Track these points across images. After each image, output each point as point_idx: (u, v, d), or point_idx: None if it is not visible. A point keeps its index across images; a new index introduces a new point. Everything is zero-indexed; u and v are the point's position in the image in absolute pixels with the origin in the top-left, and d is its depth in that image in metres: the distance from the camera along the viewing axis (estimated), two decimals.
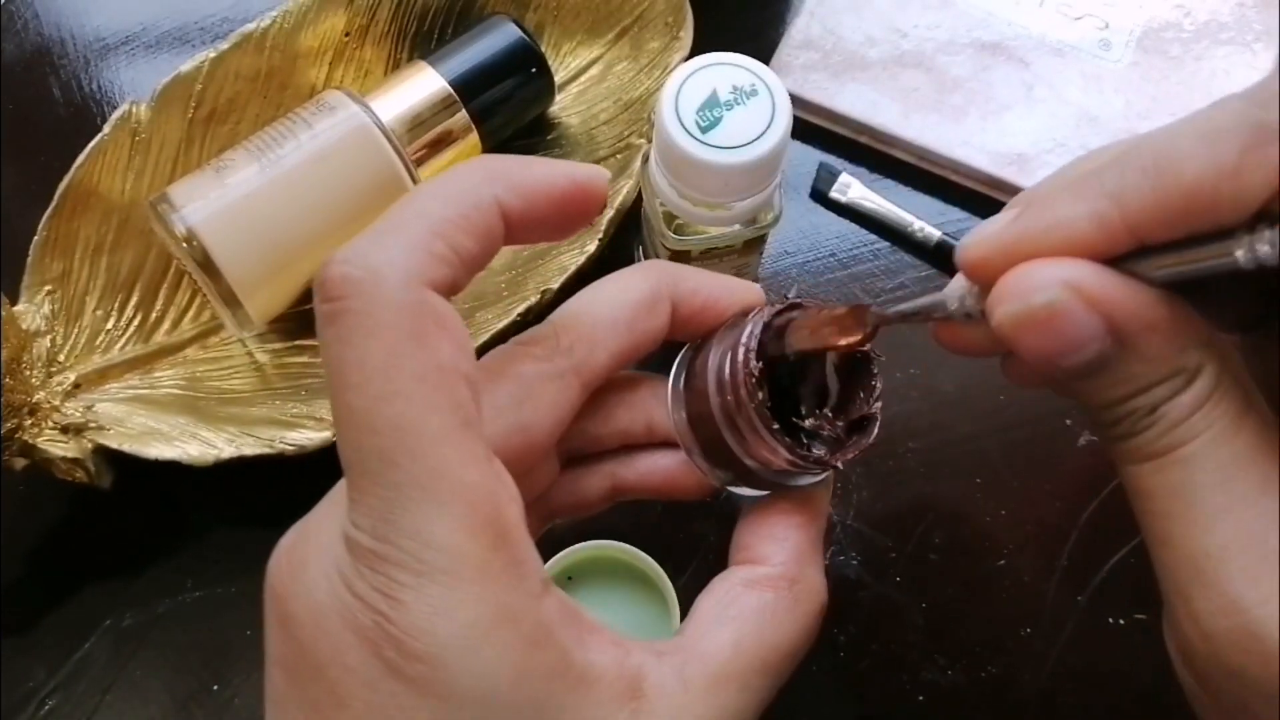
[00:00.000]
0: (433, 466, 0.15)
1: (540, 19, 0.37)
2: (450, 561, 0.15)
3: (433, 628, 0.15)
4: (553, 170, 0.18)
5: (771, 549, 0.20)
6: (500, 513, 0.16)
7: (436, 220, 0.16)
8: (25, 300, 0.32)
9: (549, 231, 0.19)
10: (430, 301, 0.16)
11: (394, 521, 0.15)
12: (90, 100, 0.39)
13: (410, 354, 0.15)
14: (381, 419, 0.15)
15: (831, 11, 0.39)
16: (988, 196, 0.37)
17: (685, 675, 0.17)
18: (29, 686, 0.30)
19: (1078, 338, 0.16)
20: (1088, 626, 0.31)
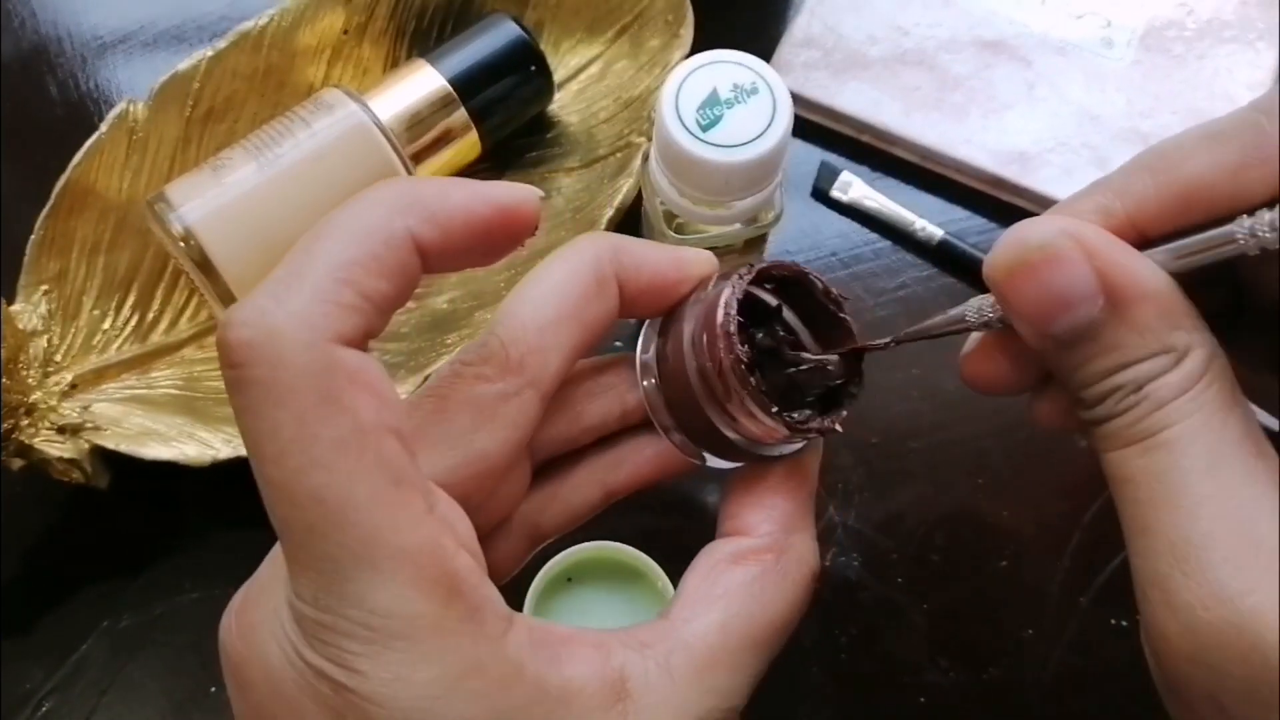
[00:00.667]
0: (365, 535, 0.14)
1: (540, 17, 0.37)
2: (403, 626, 0.14)
3: (395, 694, 0.14)
4: (473, 196, 0.17)
5: (758, 518, 0.19)
6: (448, 566, 0.15)
7: (341, 264, 0.15)
8: (22, 300, 0.32)
9: (473, 259, 0.17)
10: (340, 359, 0.15)
11: (335, 592, 0.14)
12: (87, 99, 0.39)
13: (324, 420, 0.14)
14: (302, 492, 0.14)
15: (832, 9, 0.38)
16: (989, 195, 0.37)
17: (671, 666, 0.17)
18: (26, 688, 0.30)
19: (1071, 290, 0.16)
20: (1090, 628, 0.31)
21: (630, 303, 0.20)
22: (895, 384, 0.34)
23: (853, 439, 0.33)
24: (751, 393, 0.18)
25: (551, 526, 0.21)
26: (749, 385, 0.18)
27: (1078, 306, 0.16)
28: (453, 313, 0.34)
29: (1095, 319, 0.16)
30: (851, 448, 0.33)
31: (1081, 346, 0.16)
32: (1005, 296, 0.16)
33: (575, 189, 0.36)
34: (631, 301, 0.20)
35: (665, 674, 0.17)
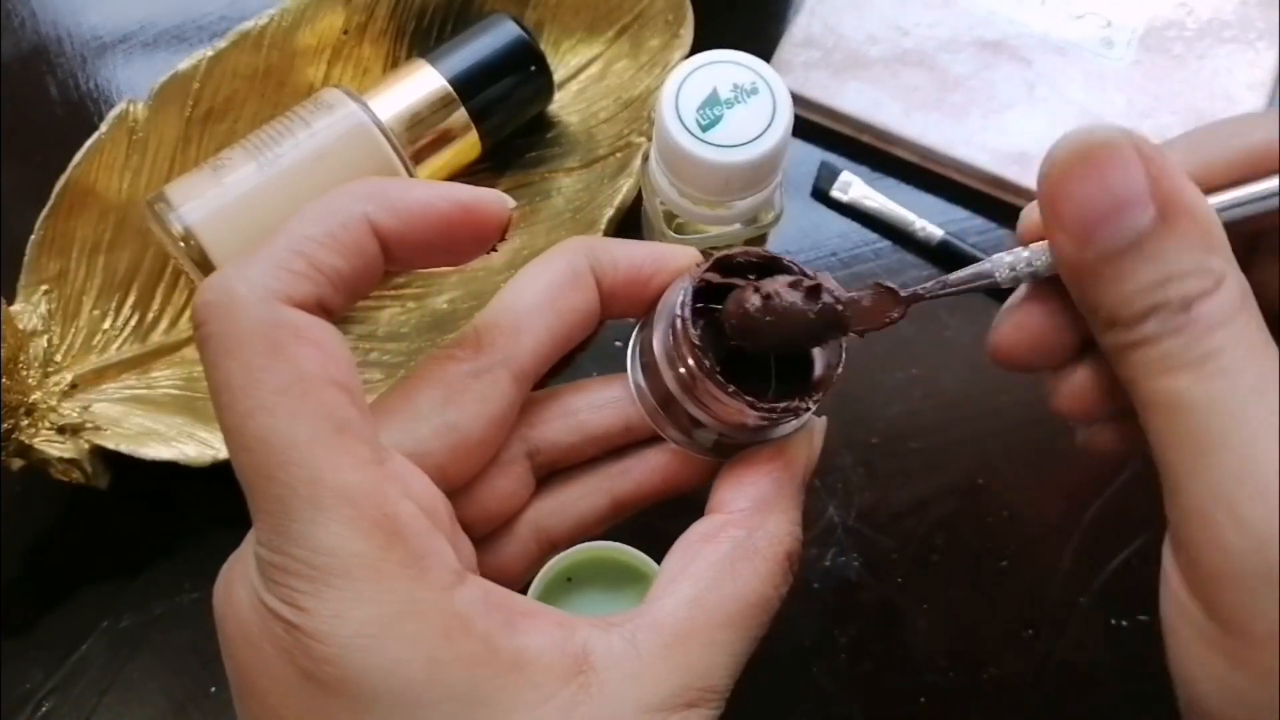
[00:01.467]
0: (308, 475, 0.15)
1: (539, 17, 0.37)
2: (342, 564, 0.15)
3: (333, 630, 0.15)
4: (435, 192, 0.18)
5: (733, 496, 0.19)
6: (388, 510, 0.16)
7: (298, 239, 0.16)
8: (22, 300, 0.32)
9: (437, 255, 0.18)
10: (287, 316, 0.16)
11: (284, 532, 0.15)
12: (87, 99, 0.39)
13: (268, 368, 0.15)
14: (249, 435, 0.15)
15: (832, 9, 0.38)
16: (990, 195, 0.37)
17: (638, 641, 0.17)
18: (26, 688, 0.30)
19: (1124, 192, 0.16)
20: (1090, 628, 0.31)
21: (611, 296, 0.20)
22: (895, 384, 0.34)
23: (853, 439, 0.33)
24: (707, 373, 0.19)
25: (561, 533, 0.21)
26: (704, 366, 0.19)
27: (1130, 212, 0.16)
28: (452, 313, 0.34)
29: (1144, 228, 0.16)
30: (851, 448, 0.33)
31: (1125, 259, 0.16)
32: (1059, 197, 0.16)
33: (575, 189, 0.36)
34: (612, 294, 0.20)
35: (631, 649, 0.17)
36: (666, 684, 0.17)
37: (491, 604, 0.16)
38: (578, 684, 0.16)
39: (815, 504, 0.32)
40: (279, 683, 0.16)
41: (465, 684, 0.15)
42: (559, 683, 0.16)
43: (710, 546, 0.18)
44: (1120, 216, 0.16)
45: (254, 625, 0.16)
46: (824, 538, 0.32)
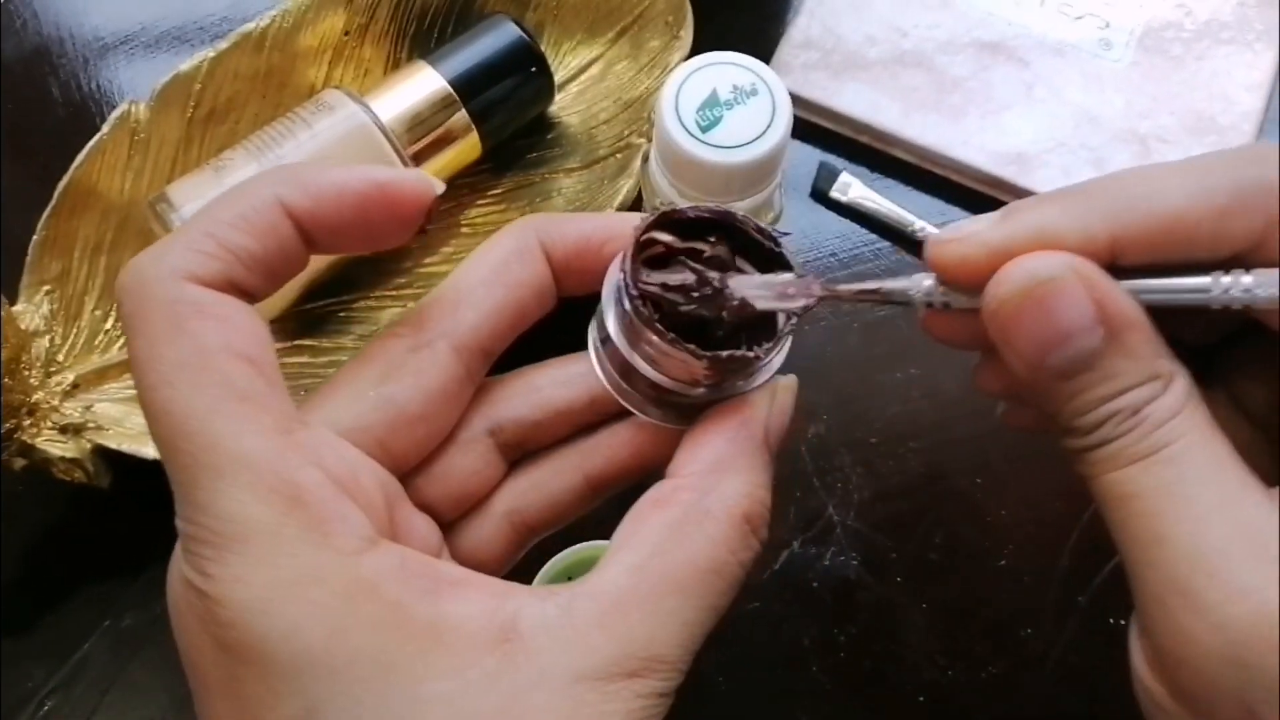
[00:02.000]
0: (208, 443, 0.16)
1: (540, 18, 0.37)
2: (241, 529, 0.15)
3: (234, 595, 0.15)
4: (349, 173, 0.18)
5: (687, 458, 0.18)
6: (289, 476, 0.16)
7: (208, 220, 0.17)
8: (24, 300, 0.32)
9: (356, 238, 0.18)
10: (190, 293, 0.16)
11: (191, 501, 0.16)
12: (89, 100, 0.39)
13: (169, 342, 0.16)
14: (154, 407, 0.16)
15: (831, 11, 0.39)
16: (988, 196, 0.37)
17: (573, 608, 0.16)
18: (28, 687, 0.30)
19: (1073, 322, 0.16)
20: (1089, 627, 0.31)
21: (564, 270, 0.20)
22: (895, 384, 0.34)
23: (852, 439, 0.33)
24: (646, 321, 0.18)
25: (535, 516, 0.21)
26: (642, 315, 0.18)
27: (1079, 337, 0.16)
28: None
29: (1094, 348, 0.16)
30: (851, 448, 0.33)
31: (1078, 377, 0.17)
32: (1007, 329, 0.17)
33: (575, 190, 0.36)
34: (565, 268, 0.20)
35: (565, 618, 0.16)
36: (602, 653, 0.16)
37: (409, 571, 0.16)
38: (502, 652, 0.16)
39: (815, 504, 0.32)
40: (202, 653, 0.16)
41: (370, 649, 0.15)
42: (481, 651, 0.16)
43: (659, 511, 0.17)
44: (1070, 342, 0.16)
45: (180, 598, 0.16)
46: (823, 537, 0.32)
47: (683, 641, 0.16)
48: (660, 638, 0.16)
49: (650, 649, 0.16)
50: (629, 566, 0.17)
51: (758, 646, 0.31)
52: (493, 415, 0.20)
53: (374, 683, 0.15)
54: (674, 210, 0.19)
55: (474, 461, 0.20)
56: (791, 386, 0.20)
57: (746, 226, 0.19)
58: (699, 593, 0.17)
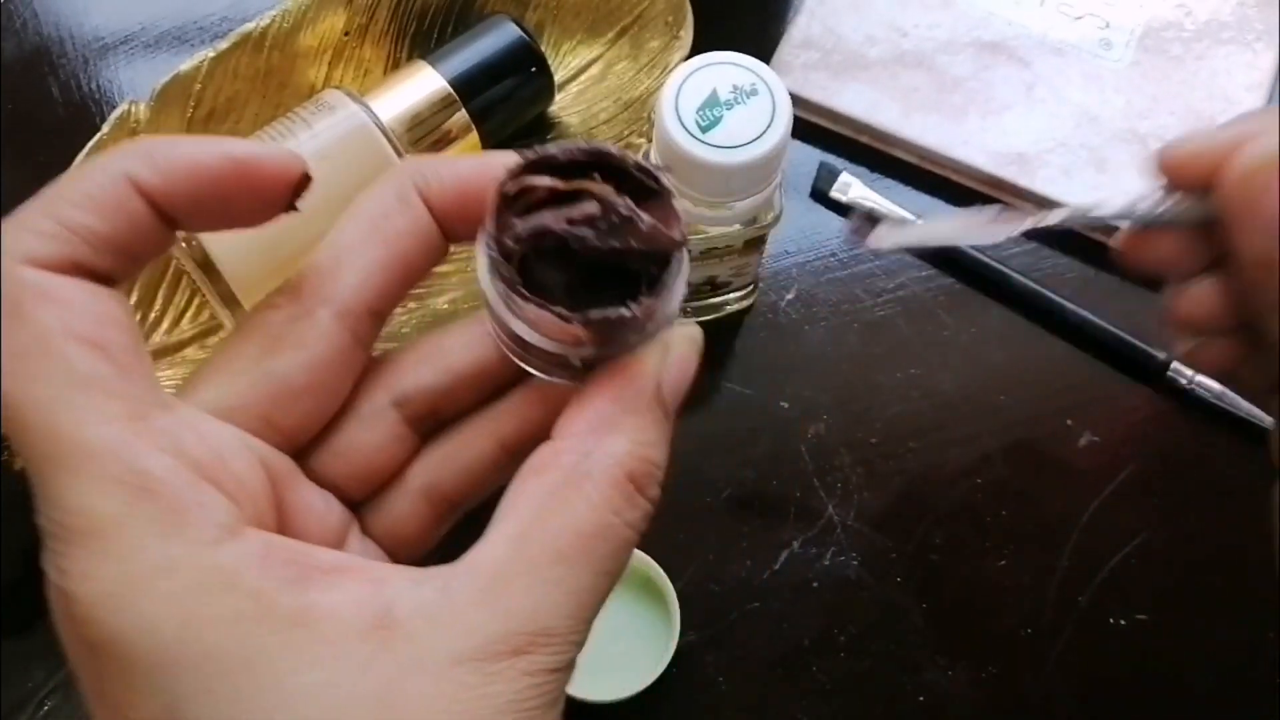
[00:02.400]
0: (50, 434, 0.15)
1: (540, 18, 0.37)
2: (87, 523, 0.15)
3: (84, 592, 0.15)
4: (205, 147, 0.17)
5: (566, 420, 0.17)
6: (136, 465, 0.15)
7: (49, 200, 0.16)
8: None
9: (217, 215, 0.17)
10: (24, 277, 0.15)
11: (41, 495, 0.15)
12: (89, 100, 0.39)
13: (8, 332, 0.15)
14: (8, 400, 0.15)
15: (832, 11, 0.39)
16: (988, 196, 0.37)
17: (450, 589, 0.15)
18: (28, 687, 0.30)
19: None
20: (1089, 627, 0.31)
21: (445, 216, 0.19)
22: (895, 384, 0.34)
23: (852, 439, 0.33)
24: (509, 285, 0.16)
25: (453, 488, 0.20)
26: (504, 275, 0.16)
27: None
28: (453, 313, 0.34)
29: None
30: (851, 448, 0.33)
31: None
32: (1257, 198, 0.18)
33: None
34: (445, 215, 0.19)
35: (442, 598, 0.15)
36: (483, 631, 0.15)
37: (274, 559, 0.15)
38: (377, 639, 0.15)
39: (815, 504, 0.32)
40: (73, 651, 0.15)
41: (229, 642, 0.15)
42: (354, 640, 0.15)
43: (537, 477, 0.16)
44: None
45: (51, 597, 0.16)
46: (823, 537, 0.32)
47: (572, 612, 0.16)
48: (546, 609, 0.15)
49: (536, 622, 0.15)
50: (508, 537, 0.16)
51: (758, 646, 0.31)
52: (396, 386, 0.19)
53: (234, 677, 0.14)
54: (543, 152, 0.17)
55: (379, 436, 0.19)
56: (692, 336, 0.18)
57: (626, 163, 0.17)
58: (584, 560, 0.16)
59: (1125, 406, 0.34)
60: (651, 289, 0.17)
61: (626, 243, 0.17)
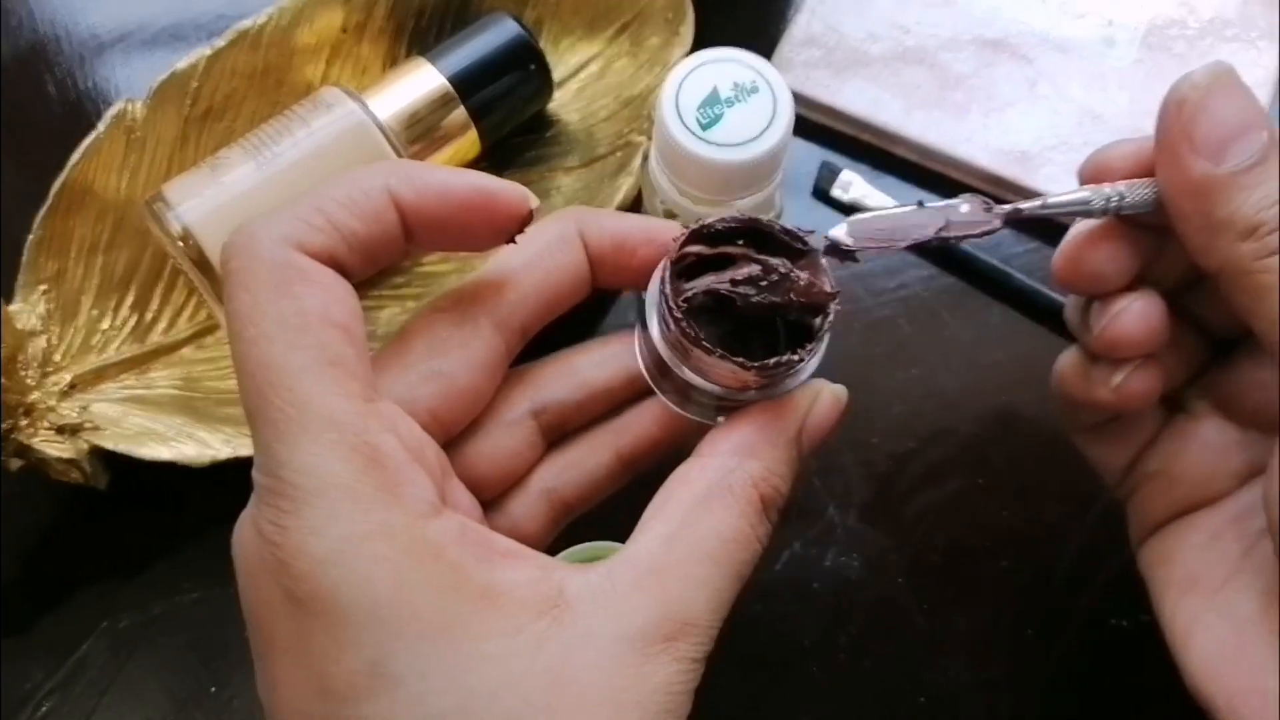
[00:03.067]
0: (299, 399, 0.16)
1: (539, 15, 0.37)
2: (320, 484, 0.16)
3: (309, 547, 0.16)
4: (455, 173, 0.19)
5: (713, 440, 0.20)
6: (369, 439, 0.17)
7: (320, 198, 0.18)
8: (20, 300, 0.32)
9: (454, 237, 0.19)
10: (296, 259, 0.17)
11: (275, 454, 0.16)
12: (85, 98, 0.39)
13: (273, 302, 0.17)
14: (251, 360, 0.17)
15: (834, 8, 0.38)
16: (990, 194, 0.37)
17: (613, 576, 0.17)
18: (26, 688, 0.30)
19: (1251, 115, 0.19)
20: (1090, 627, 0.31)
21: (599, 263, 0.21)
22: (895, 384, 0.34)
23: (853, 439, 0.33)
24: (693, 341, 0.19)
25: (572, 493, 0.22)
26: (689, 335, 0.19)
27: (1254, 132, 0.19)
28: None
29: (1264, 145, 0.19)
30: (851, 447, 0.33)
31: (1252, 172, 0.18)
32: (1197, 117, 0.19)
33: (575, 188, 0.35)
34: (600, 261, 0.21)
35: (607, 583, 0.17)
36: (642, 615, 0.17)
37: (468, 538, 0.17)
38: (551, 617, 0.17)
39: (815, 504, 0.32)
40: (270, 607, 0.16)
41: (432, 608, 0.16)
42: (531, 616, 0.16)
43: (685, 487, 0.19)
44: (1248, 135, 0.19)
45: (252, 554, 0.17)
46: (824, 537, 0.32)
47: (714, 607, 0.18)
48: (693, 603, 0.17)
49: (685, 613, 0.17)
50: (661, 536, 0.18)
51: (758, 646, 0.31)
52: (536, 397, 0.21)
53: (435, 640, 0.16)
54: (703, 224, 0.20)
55: (518, 442, 0.21)
56: (839, 394, 0.21)
57: (774, 229, 0.20)
58: (726, 562, 0.18)
59: None
60: (810, 338, 0.20)
61: (786, 297, 0.20)
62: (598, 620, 0.17)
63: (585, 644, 0.16)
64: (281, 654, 0.16)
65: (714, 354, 0.19)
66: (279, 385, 0.16)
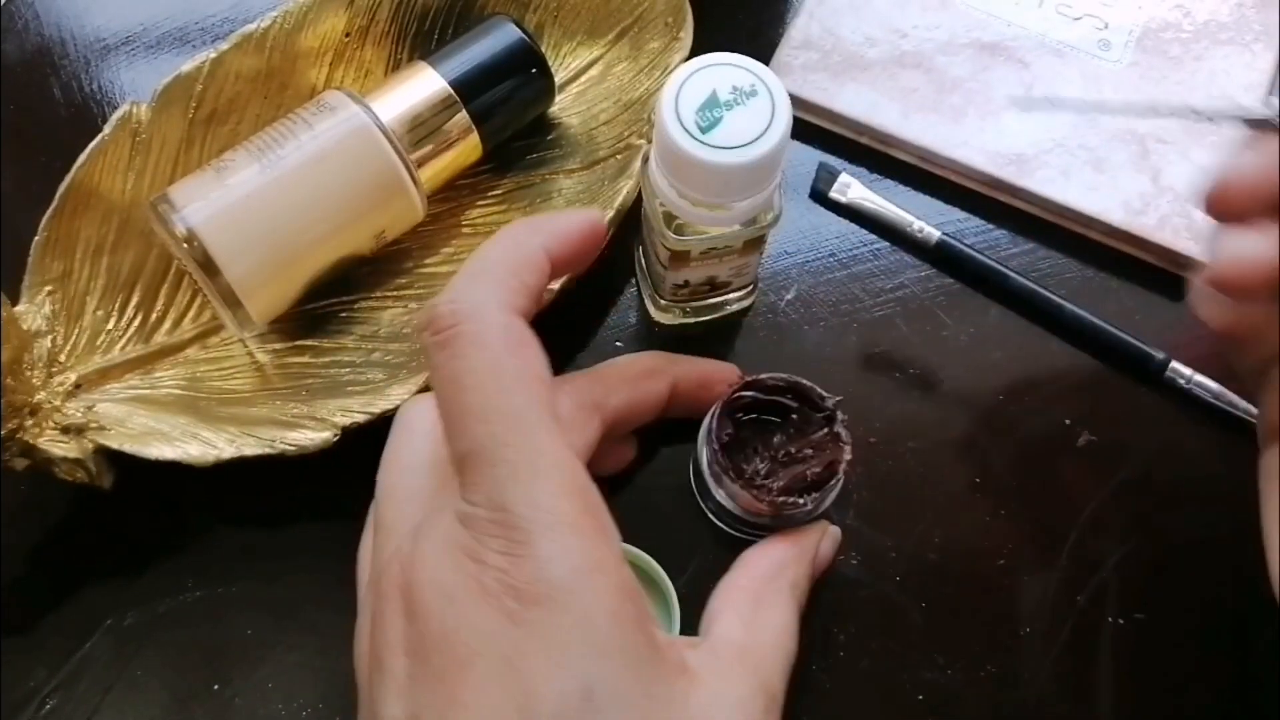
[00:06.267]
0: (536, 446, 0.19)
1: (540, 19, 0.38)
2: (555, 519, 0.18)
3: (547, 574, 0.18)
4: (573, 218, 0.24)
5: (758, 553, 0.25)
6: (586, 485, 0.19)
7: (512, 263, 0.21)
8: (26, 301, 0.32)
9: (574, 266, 0.24)
10: (518, 324, 0.21)
11: (508, 493, 0.18)
12: (91, 100, 0.39)
13: (510, 362, 0.20)
14: (494, 410, 0.19)
15: (831, 12, 0.39)
16: (987, 196, 0.37)
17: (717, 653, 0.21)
18: (30, 686, 0.30)
19: None
20: (1088, 626, 0.31)
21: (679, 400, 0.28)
22: (894, 384, 0.34)
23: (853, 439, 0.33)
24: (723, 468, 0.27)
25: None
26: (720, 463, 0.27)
27: None
28: None
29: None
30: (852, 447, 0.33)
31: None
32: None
33: (576, 190, 0.36)
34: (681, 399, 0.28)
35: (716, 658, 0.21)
36: (748, 683, 0.21)
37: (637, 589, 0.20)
38: (686, 679, 0.19)
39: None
40: (477, 631, 0.18)
41: (634, 645, 0.18)
42: (676, 673, 0.19)
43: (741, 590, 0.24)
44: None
45: (458, 584, 0.18)
46: None
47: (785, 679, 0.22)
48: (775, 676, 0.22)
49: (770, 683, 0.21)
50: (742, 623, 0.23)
51: None
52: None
53: (636, 676, 0.18)
54: (756, 379, 0.28)
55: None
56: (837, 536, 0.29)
57: (809, 389, 0.28)
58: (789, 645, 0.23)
59: (1124, 406, 0.34)
60: (819, 489, 0.27)
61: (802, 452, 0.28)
62: (719, 685, 0.20)
63: (717, 702, 0.20)
64: (482, 674, 0.17)
65: (736, 481, 0.27)
66: (520, 432, 0.19)
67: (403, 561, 0.19)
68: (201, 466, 0.30)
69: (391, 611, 0.19)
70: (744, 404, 0.28)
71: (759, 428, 0.29)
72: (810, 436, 0.29)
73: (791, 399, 0.29)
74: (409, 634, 0.18)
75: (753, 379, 0.28)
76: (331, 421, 0.31)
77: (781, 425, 0.29)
